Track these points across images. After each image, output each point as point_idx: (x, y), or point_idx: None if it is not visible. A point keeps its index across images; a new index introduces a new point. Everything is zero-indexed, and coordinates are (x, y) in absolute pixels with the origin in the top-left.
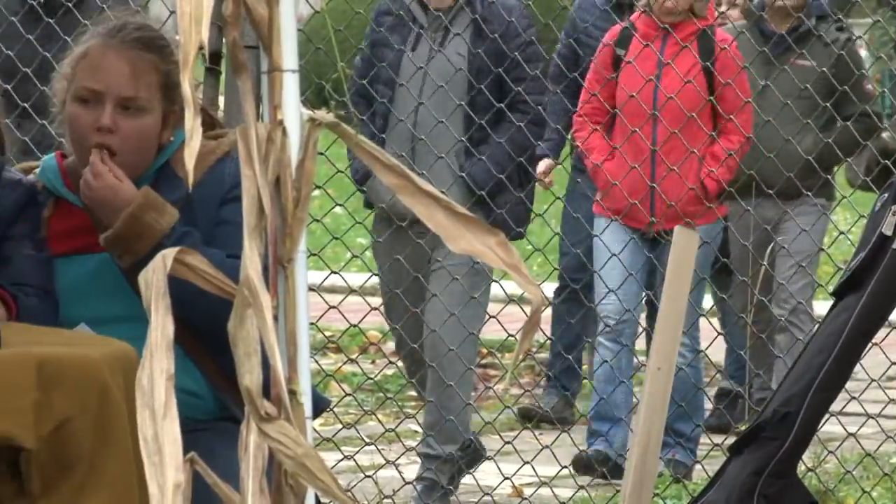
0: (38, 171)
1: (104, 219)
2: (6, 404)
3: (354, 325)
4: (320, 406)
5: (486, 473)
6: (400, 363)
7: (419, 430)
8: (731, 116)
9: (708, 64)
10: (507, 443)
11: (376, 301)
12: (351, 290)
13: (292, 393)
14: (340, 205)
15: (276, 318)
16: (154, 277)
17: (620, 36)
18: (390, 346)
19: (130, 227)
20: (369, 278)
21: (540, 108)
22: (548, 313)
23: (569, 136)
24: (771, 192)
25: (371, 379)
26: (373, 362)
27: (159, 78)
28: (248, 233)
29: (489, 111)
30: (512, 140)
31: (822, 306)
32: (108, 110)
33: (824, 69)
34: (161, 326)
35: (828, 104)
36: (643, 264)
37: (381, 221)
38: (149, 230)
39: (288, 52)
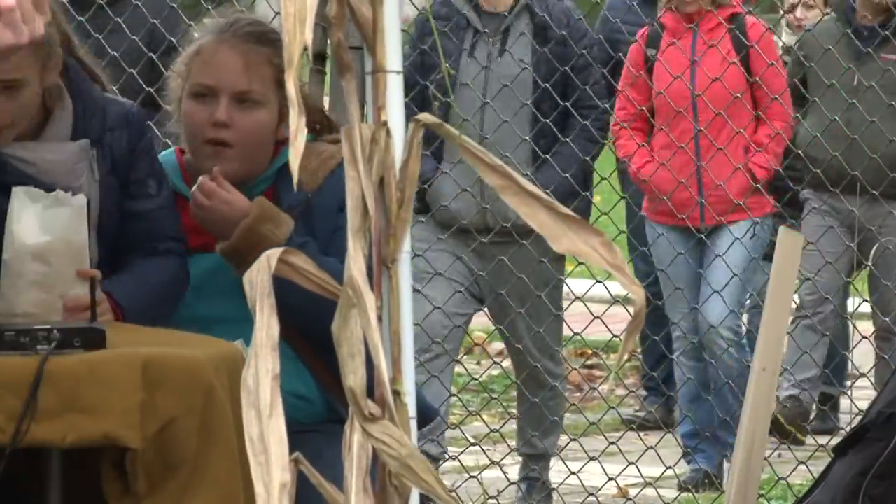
0: None
1: (220, 233)
2: (112, 405)
3: (459, 326)
4: (428, 416)
5: (590, 474)
6: (506, 363)
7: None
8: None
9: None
10: (612, 443)
11: None
12: (455, 291)
13: (396, 393)
14: (444, 205)
15: (380, 318)
16: (258, 277)
17: (649, 36)
18: (496, 346)
19: (246, 239)
20: (475, 278)
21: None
22: None
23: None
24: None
25: (476, 380)
26: (478, 363)
27: (273, 72)
28: (352, 233)
29: (555, 118)
30: (579, 148)
31: None
32: (222, 105)
33: None
34: (266, 326)
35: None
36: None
37: (439, 225)
38: (265, 241)
39: (392, 53)
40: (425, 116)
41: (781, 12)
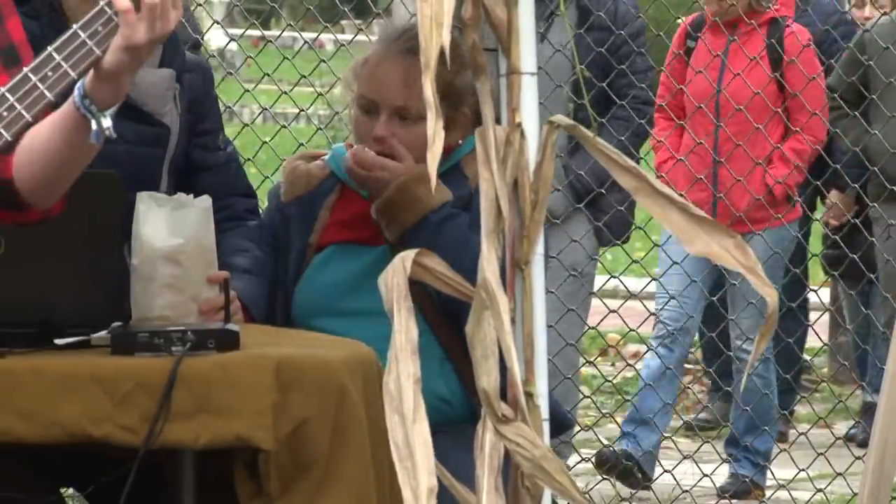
0: (326, 157)
1: (376, 192)
2: (245, 406)
3: (592, 328)
4: (565, 424)
5: (722, 477)
6: (639, 365)
7: None
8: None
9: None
10: (745, 445)
11: (615, 303)
12: (589, 293)
13: (529, 395)
14: (578, 207)
15: (513, 320)
16: (394, 280)
17: (692, 26)
18: (630, 348)
19: (401, 195)
20: (608, 280)
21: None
22: None
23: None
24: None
25: (609, 382)
26: (612, 364)
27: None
28: (486, 235)
29: (597, 106)
30: (618, 139)
31: None
32: (382, 120)
33: None
34: (405, 329)
35: None
36: (708, 269)
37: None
38: (418, 201)
39: (526, 55)
40: (559, 118)
41: (848, 6)
